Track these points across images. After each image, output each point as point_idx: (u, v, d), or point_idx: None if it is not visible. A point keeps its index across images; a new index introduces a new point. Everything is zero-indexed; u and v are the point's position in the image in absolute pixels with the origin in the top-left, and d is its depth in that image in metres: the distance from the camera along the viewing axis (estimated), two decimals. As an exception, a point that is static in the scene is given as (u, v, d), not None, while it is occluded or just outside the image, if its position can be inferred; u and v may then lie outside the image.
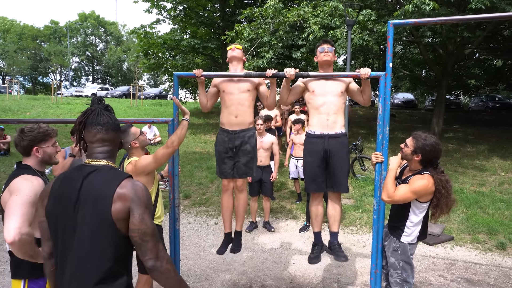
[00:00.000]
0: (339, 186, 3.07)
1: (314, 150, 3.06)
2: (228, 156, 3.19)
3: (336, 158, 3.02)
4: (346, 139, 3.11)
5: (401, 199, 2.55)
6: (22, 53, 42.05)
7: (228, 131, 3.18)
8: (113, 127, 1.58)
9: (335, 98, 3.02)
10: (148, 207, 1.49)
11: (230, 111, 3.14)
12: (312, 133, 3.09)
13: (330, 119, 3.01)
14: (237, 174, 3.21)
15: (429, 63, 11.88)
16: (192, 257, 4.47)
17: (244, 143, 3.16)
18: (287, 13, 8.97)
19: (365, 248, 4.80)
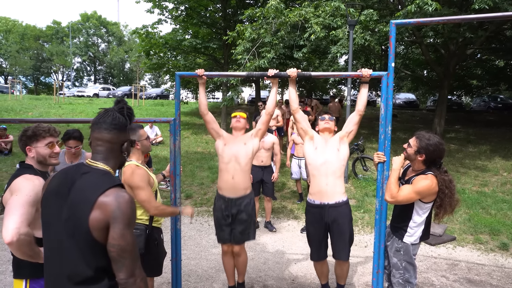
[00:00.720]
0: (339, 256, 3.17)
1: (315, 221, 3.14)
2: (225, 224, 3.26)
3: (337, 229, 3.09)
4: (347, 207, 3.14)
5: (405, 200, 2.54)
6: (24, 53, 42.16)
7: (224, 198, 3.24)
8: (112, 127, 1.51)
9: (334, 157, 3.05)
10: (131, 223, 1.43)
11: (227, 170, 3.19)
12: (312, 202, 3.16)
13: (329, 183, 3.03)
14: (234, 241, 3.30)
15: (431, 63, 11.86)
16: (194, 257, 4.47)
17: (240, 212, 3.22)
18: (289, 13, 8.96)
19: (367, 248, 4.79)
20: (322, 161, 3.05)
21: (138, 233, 2.60)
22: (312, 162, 3.11)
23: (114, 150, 1.56)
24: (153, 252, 2.71)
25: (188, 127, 14.62)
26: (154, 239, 2.68)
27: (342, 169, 3.08)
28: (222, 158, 3.23)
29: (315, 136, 3.20)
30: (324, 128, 3.23)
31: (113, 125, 1.52)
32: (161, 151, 10.18)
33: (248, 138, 3.29)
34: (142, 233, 2.62)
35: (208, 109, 3.36)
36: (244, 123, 3.38)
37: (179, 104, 3.07)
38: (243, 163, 3.18)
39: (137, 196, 2.52)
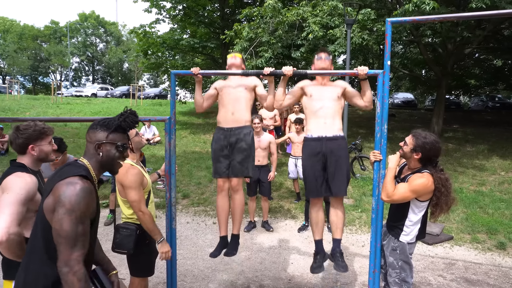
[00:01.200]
0: (337, 190, 3.00)
1: (312, 154, 3.02)
2: (223, 155, 3.14)
3: (334, 161, 2.97)
4: (344, 142, 3.06)
5: (401, 199, 2.52)
6: (22, 53, 42.06)
7: (223, 129, 3.14)
8: (90, 128, 1.65)
9: (332, 102, 2.99)
10: (73, 210, 1.43)
11: (226, 108, 3.12)
12: (309, 136, 3.06)
13: (327, 122, 2.97)
14: (232, 173, 3.15)
15: (429, 62, 11.86)
16: (190, 257, 4.45)
17: (240, 141, 3.10)
18: (286, 13, 8.95)
19: (364, 248, 4.78)
20: (318, 106, 2.96)
21: (128, 232, 2.56)
22: (308, 107, 3.02)
23: (89, 149, 1.66)
24: (144, 252, 2.68)
25: (186, 127, 14.59)
26: (145, 239, 2.65)
27: (340, 111, 3.01)
28: (221, 101, 3.14)
29: (306, 87, 3.06)
30: (320, 67, 3.04)
31: (92, 127, 1.66)
32: (159, 151, 10.15)
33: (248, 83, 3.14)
34: (133, 233, 2.57)
35: (207, 109, 3.34)
36: (240, 61, 3.24)
37: (175, 103, 3.05)
38: (243, 102, 3.10)
39: (128, 195, 2.50)
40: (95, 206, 1.56)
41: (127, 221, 2.65)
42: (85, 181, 1.51)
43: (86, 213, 1.48)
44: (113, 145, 1.66)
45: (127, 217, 2.65)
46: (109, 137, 1.64)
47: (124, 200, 2.61)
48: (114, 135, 1.66)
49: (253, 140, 3.20)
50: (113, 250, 2.60)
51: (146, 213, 2.53)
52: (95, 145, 1.62)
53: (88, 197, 1.48)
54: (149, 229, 2.56)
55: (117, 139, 1.67)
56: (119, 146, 1.68)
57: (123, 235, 2.55)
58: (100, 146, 1.63)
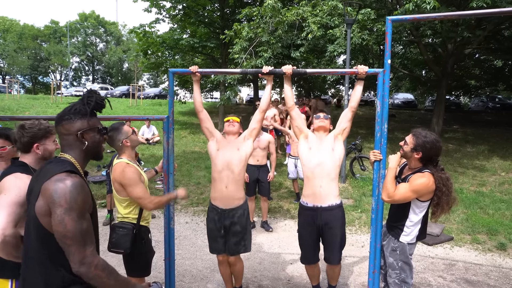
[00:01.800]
0: (332, 259, 3.11)
1: (307, 223, 3.08)
2: (219, 235, 3.19)
3: (329, 233, 3.04)
4: (340, 211, 3.09)
5: (402, 199, 2.50)
6: (22, 53, 42.04)
7: (217, 210, 3.16)
8: (61, 120, 1.55)
9: (329, 157, 3.00)
10: (72, 208, 1.37)
11: (221, 178, 3.09)
12: (305, 204, 3.10)
13: (323, 186, 2.98)
14: (228, 252, 3.23)
15: (429, 63, 11.84)
16: (189, 257, 4.42)
17: (234, 224, 3.14)
18: (286, 12, 8.92)
19: (363, 248, 4.75)
20: (316, 162, 2.98)
21: (124, 232, 2.54)
22: (306, 163, 3.05)
23: (69, 141, 1.56)
24: (141, 252, 2.66)
25: (186, 127, 14.57)
26: (141, 238, 2.63)
27: (336, 170, 3.03)
28: (215, 166, 3.14)
29: (310, 136, 3.14)
30: (319, 126, 3.16)
31: (65, 118, 1.53)
32: (158, 151, 10.12)
33: (241, 142, 3.17)
34: (129, 233, 2.55)
35: (206, 109, 3.31)
36: (238, 127, 3.29)
37: (173, 102, 3.03)
38: (237, 171, 3.08)
39: (131, 193, 2.48)
40: (90, 199, 1.51)
41: (123, 221, 2.62)
42: (73, 176, 1.44)
43: (85, 207, 1.43)
44: (95, 129, 1.61)
45: (123, 216, 2.63)
46: (90, 123, 1.58)
47: (120, 199, 2.58)
48: (93, 120, 1.60)
49: (247, 219, 3.25)
50: (109, 250, 2.58)
51: (153, 201, 2.51)
52: (77, 135, 1.55)
53: (82, 191, 1.42)
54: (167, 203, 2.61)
55: (96, 123, 1.62)
56: (101, 130, 1.64)
57: (119, 234, 2.53)
58: (83, 134, 1.56)
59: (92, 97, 1.58)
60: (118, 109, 19.10)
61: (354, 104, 3.04)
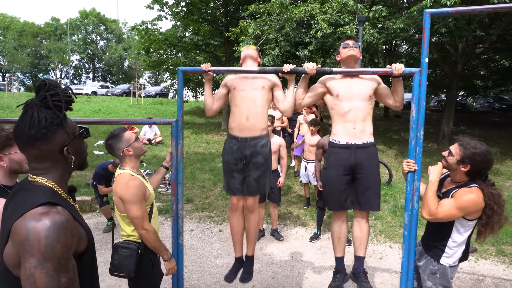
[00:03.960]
0: (369, 204, 2.67)
1: (339, 162, 2.66)
2: (237, 169, 2.76)
3: (365, 172, 2.63)
4: (375, 149, 2.71)
5: (446, 217, 2.19)
6: (22, 50, 41.69)
7: (237, 138, 2.73)
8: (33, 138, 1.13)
9: (363, 103, 2.63)
10: (47, 259, 1.00)
11: (241, 111, 2.71)
12: (336, 142, 2.70)
13: (357, 127, 2.62)
14: (247, 192, 2.78)
15: (439, 62, 11.52)
16: (196, 270, 4.11)
17: (256, 154, 2.70)
18: (294, 9, 8.61)
19: (382, 260, 4.44)
20: (348, 108, 2.61)
21: (128, 253, 2.21)
22: (335, 107, 2.67)
23: (52, 161, 1.19)
24: (148, 275, 2.32)
25: (188, 126, 14.27)
26: (148, 260, 2.30)
27: (371, 111, 2.67)
28: (233, 99, 2.75)
29: (330, 85, 2.69)
30: (348, 56, 2.69)
31: (33, 135, 1.12)
32: (161, 152, 9.81)
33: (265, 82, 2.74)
34: (133, 254, 2.22)
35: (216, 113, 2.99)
36: (256, 53, 2.86)
37: (182, 103, 2.71)
38: (260, 104, 2.70)
39: (129, 211, 2.16)
40: (77, 238, 1.13)
41: (128, 239, 2.30)
42: (53, 211, 1.07)
43: (67, 254, 1.07)
44: (78, 136, 1.25)
45: (128, 234, 2.30)
46: (69, 131, 1.20)
47: (123, 216, 2.26)
48: (69, 125, 1.21)
49: (270, 152, 2.82)
50: (111, 273, 2.25)
51: (150, 231, 2.20)
52: (61, 153, 1.18)
53: (64, 233, 1.05)
54: (155, 247, 2.24)
55: (74, 127, 1.24)
56: (83, 133, 1.29)
57: (122, 256, 2.20)
58: (68, 148, 1.20)
59: (58, 95, 1.17)
60: (119, 108, 18.81)
61: (399, 100, 2.68)
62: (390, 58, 15.92)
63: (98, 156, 8.68)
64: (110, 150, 2.29)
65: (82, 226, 1.19)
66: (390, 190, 7.08)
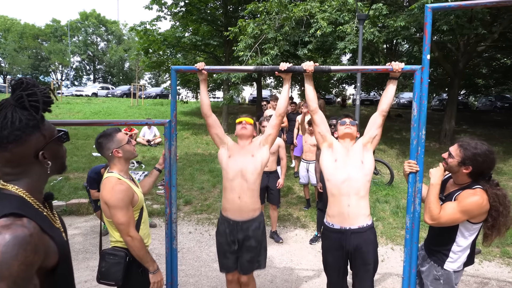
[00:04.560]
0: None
1: (333, 248, 2.62)
2: (230, 251, 2.77)
3: (360, 259, 2.56)
4: (372, 233, 2.62)
5: (449, 221, 2.09)
6: (23, 52, 41.72)
7: (229, 221, 2.75)
8: (6, 141, 1.04)
9: (359, 172, 2.53)
10: (2, 277, 0.91)
11: (232, 188, 2.70)
12: (330, 226, 2.63)
13: (351, 204, 2.51)
14: (240, 270, 2.81)
15: (440, 61, 11.40)
16: (193, 274, 4.02)
17: (248, 238, 2.73)
18: (293, 8, 8.52)
19: (384, 263, 4.34)
20: (344, 177, 2.52)
21: (115, 260, 2.11)
22: (331, 178, 2.59)
23: (26, 167, 1.10)
24: (137, 283, 2.22)
25: (188, 127, 14.18)
26: (137, 267, 2.19)
27: (367, 186, 2.56)
28: (226, 174, 2.75)
29: (335, 144, 2.68)
30: (344, 134, 2.69)
31: (5, 137, 1.03)
32: (160, 153, 9.73)
33: (256, 148, 2.78)
34: (121, 261, 2.12)
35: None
36: (251, 130, 2.87)
37: (175, 104, 2.61)
38: (251, 180, 2.69)
39: (114, 217, 2.07)
40: (45, 252, 1.03)
41: (116, 246, 2.20)
42: (16, 224, 0.98)
43: (25, 274, 0.96)
44: (56, 139, 1.17)
45: (117, 240, 2.20)
46: (46, 134, 1.12)
47: (110, 221, 2.16)
48: (46, 127, 1.13)
49: (264, 233, 2.83)
50: (98, 281, 2.15)
51: (135, 238, 2.10)
52: (36, 157, 1.10)
53: (25, 249, 0.95)
54: (140, 257, 2.13)
55: (52, 130, 1.16)
56: (62, 136, 1.20)
57: (110, 263, 2.10)
58: (44, 153, 1.11)
59: (36, 95, 1.08)
60: (119, 109, 18.74)
61: (385, 108, 2.58)
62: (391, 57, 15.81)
63: (97, 158, 8.61)
64: (100, 148, 2.21)
65: (53, 239, 1.09)
66: (392, 191, 6.97)
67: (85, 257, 4.36)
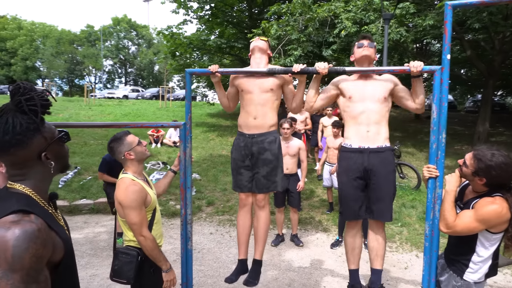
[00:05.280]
0: (381, 214, 2.51)
1: (351, 168, 2.51)
2: (244, 166, 2.68)
3: (379, 178, 2.46)
4: (391, 154, 2.54)
5: (465, 230, 1.98)
6: (59, 57, 43.72)
7: (244, 135, 2.68)
8: (8, 145, 1.08)
9: (377, 105, 2.47)
10: (14, 270, 0.96)
11: (248, 111, 2.66)
12: (348, 146, 2.54)
13: (371, 130, 2.45)
14: (256, 189, 2.69)
15: (473, 61, 10.93)
16: (211, 275, 4.05)
17: (263, 150, 2.62)
18: (317, 9, 8.44)
19: (407, 270, 4.20)
20: (360, 110, 2.45)
21: (128, 259, 2.16)
22: (347, 110, 2.53)
23: (30, 167, 1.15)
24: (149, 282, 2.25)
25: (214, 129, 14.34)
26: (149, 267, 2.23)
27: (387, 115, 2.49)
28: (242, 101, 2.71)
29: (343, 86, 2.57)
30: (362, 56, 2.54)
31: (7, 142, 1.07)
32: (185, 154, 9.89)
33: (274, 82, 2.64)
34: (133, 260, 2.16)
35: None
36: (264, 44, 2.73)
37: (190, 106, 2.66)
38: (268, 106, 2.63)
39: (127, 216, 2.12)
40: (53, 246, 1.09)
41: (129, 245, 2.26)
42: (25, 220, 1.03)
43: (36, 265, 1.02)
44: (57, 140, 1.21)
45: (130, 239, 2.26)
46: (47, 136, 1.16)
47: (124, 221, 2.23)
48: (47, 129, 1.17)
49: (280, 149, 2.72)
50: (111, 278, 2.22)
51: (148, 238, 2.14)
52: (39, 158, 1.15)
53: (35, 242, 1.01)
54: (153, 256, 2.18)
55: (53, 131, 1.20)
56: (62, 137, 1.23)
57: (122, 261, 2.16)
58: (46, 154, 1.16)
59: (33, 99, 1.12)
60: (148, 111, 19.24)
61: (420, 103, 2.49)
62: (421, 57, 15.31)
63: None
64: (112, 153, 2.28)
65: (59, 236, 1.14)
66: (419, 195, 6.74)
67: (109, 255, 4.49)
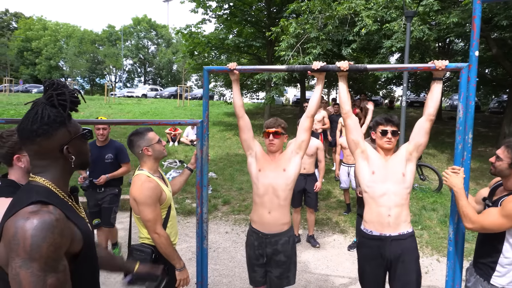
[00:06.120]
0: None
1: (371, 257, 2.43)
2: (258, 264, 2.66)
3: (401, 269, 2.35)
4: (414, 240, 2.43)
5: (491, 226, 1.90)
6: (82, 56, 44.79)
7: (258, 234, 2.63)
8: (35, 134, 1.14)
9: (399, 186, 2.37)
10: (33, 259, 0.98)
11: (262, 203, 2.58)
12: (367, 232, 2.45)
13: (392, 214, 2.35)
14: (270, 286, 2.69)
15: (500, 60, 10.54)
16: (226, 274, 4.03)
17: (277, 252, 2.59)
18: (337, 6, 8.30)
19: (427, 275, 4.07)
20: (382, 191, 2.37)
21: (142, 256, 2.16)
22: (368, 190, 2.43)
23: (51, 159, 1.18)
24: None
25: (231, 128, 14.36)
26: (164, 264, 2.22)
27: (407, 196, 2.39)
28: (256, 188, 2.63)
29: (369, 153, 2.49)
30: (384, 148, 2.51)
31: (34, 131, 1.12)
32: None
33: (287, 160, 2.60)
34: (147, 257, 2.16)
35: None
36: (279, 144, 2.67)
37: (207, 104, 2.61)
38: (283, 197, 2.55)
39: (141, 213, 2.12)
40: (71, 237, 1.11)
41: (144, 242, 2.26)
42: (44, 210, 1.05)
43: (54, 255, 1.03)
44: (79, 137, 1.24)
45: (144, 236, 2.26)
46: (71, 131, 1.20)
47: (139, 218, 2.23)
48: (72, 125, 1.22)
49: (293, 248, 2.69)
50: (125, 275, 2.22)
51: (162, 235, 2.13)
52: (61, 151, 1.18)
53: (53, 232, 1.02)
54: (166, 254, 2.17)
55: (78, 128, 1.25)
56: (85, 134, 1.27)
57: (136, 258, 2.14)
58: (68, 148, 1.19)
59: (64, 94, 1.18)
60: (166, 110, 19.47)
61: (432, 111, 2.36)
62: (443, 56, 14.89)
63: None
64: (131, 146, 2.30)
65: (78, 227, 1.16)
66: (440, 198, 6.54)
67: (124, 251, 4.53)
